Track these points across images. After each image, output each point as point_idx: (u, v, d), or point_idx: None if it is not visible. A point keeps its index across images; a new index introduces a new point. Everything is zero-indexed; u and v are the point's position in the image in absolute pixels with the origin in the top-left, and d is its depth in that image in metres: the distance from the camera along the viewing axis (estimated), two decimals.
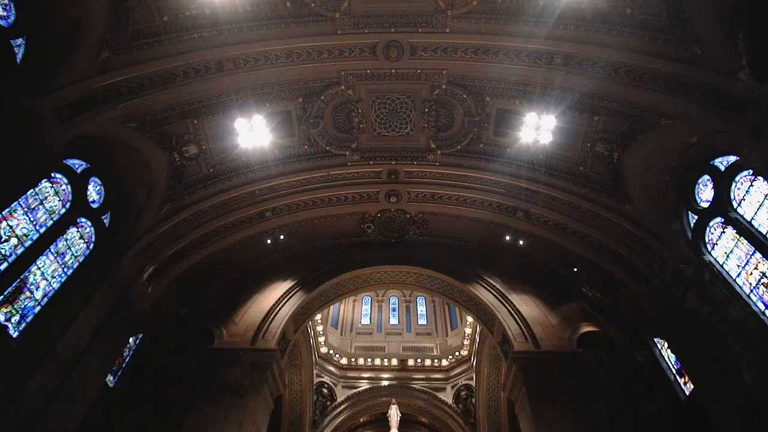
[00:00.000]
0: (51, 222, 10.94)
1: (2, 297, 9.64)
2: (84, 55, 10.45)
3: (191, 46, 11.95)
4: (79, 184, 11.81)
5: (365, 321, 31.45)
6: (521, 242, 18.13)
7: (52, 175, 10.92)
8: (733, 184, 11.27)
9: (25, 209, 10.29)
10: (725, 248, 11.52)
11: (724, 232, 11.59)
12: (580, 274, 17.35)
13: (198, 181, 15.07)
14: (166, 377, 15.99)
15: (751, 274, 10.69)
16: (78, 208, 11.75)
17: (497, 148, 15.91)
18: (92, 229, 12.38)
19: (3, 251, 9.71)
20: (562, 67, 12.61)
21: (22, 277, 10.11)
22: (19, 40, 9.82)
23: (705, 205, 12.20)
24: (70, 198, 11.54)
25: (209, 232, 16.21)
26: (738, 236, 11.04)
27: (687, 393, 13.25)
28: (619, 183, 14.18)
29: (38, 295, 10.67)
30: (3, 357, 9.51)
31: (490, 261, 19.02)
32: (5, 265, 9.73)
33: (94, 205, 12.44)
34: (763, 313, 10.29)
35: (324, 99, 14.89)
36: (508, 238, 18.30)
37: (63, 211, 11.31)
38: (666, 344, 14.19)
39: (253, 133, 14.45)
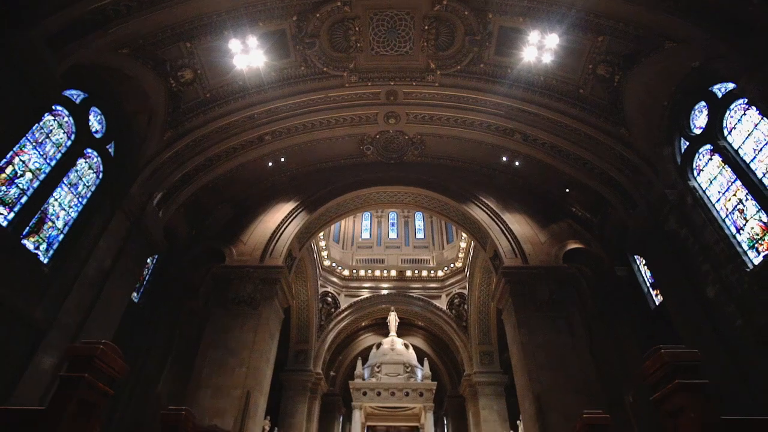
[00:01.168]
0: (60, 155, 11.26)
1: (28, 228, 10.33)
2: None
3: None
4: (80, 114, 11.90)
5: (365, 235, 32.94)
6: (517, 163, 18.54)
7: (54, 107, 10.99)
8: (728, 112, 11.43)
9: (34, 144, 10.55)
10: (710, 175, 12.03)
11: (711, 159, 12.00)
12: (571, 194, 18.08)
13: (196, 106, 15.01)
14: (183, 293, 17.45)
15: (729, 200, 11.34)
16: (83, 139, 11.98)
17: (498, 68, 15.59)
18: (99, 159, 12.72)
19: (21, 185, 10.20)
20: None
21: (42, 208, 10.72)
22: None
23: (697, 131, 12.44)
24: (73, 129, 11.71)
25: (211, 156, 16.52)
26: (723, 164, 11.48)
27: (656, 304, 14.72)
28: (618, 107, 14.25)
29: (59, 224, 11.38)
30: (39, 281, 10.50)
31: (486, 181, 19.62)
32: (25, 198, 10.27)
33: (98, 135, 12.63)
34: (734, 236, 11.13)
35: (319, 17, 14.25)
36: (504, 159, 18.66)
37: (69, 143, 11.56)
38: (644, 261, 15.39)
39: (248, 55, 14.13)
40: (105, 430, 13.15)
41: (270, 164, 18.78)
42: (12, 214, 9.97)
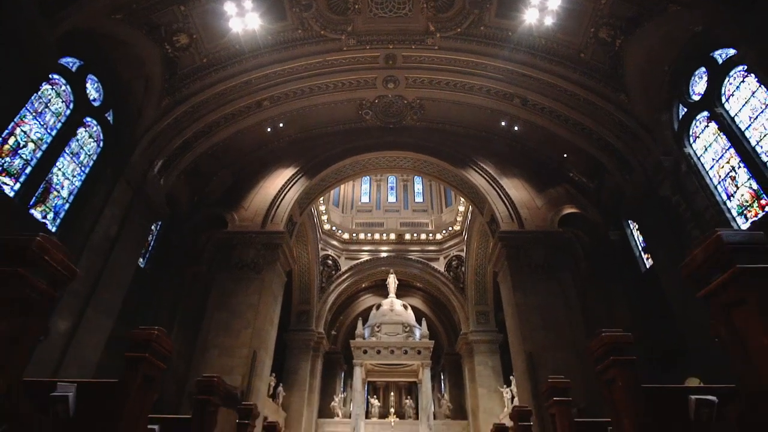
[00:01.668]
0: (60, 124, 11.31)
1: (35, 198, 10.55)
2: None
3: None
4: (77, 83, 11.84)
5: (365, 199, 33.19)
6: (516, 128, 18.53)
7: (51, 77, 10.92)
8: (726, 79, 11.42)
9: (34, 114, 10.59)
10: (705, 142, 12.16)
11: (707, 126, 12.08)
12: (569, 159, 18.20)
13: (193, 72, 14.85)
14: (187, 258, 17.90)
15: (722, 167, 11.54)
16: (81, 107, 11.97)
17: (499, 31, 15.30)
18: (99, 127, 12.76)
19: (24, 156, 10.33)
20: None
21: (47, 178, 10.90)
22: None
23: (696, 98, 12.45)
24: (71, 98, 11.69)
25: (210, 123, 16.49)
26: (719, 131, 11.58)
27: (647, 267, 15.21)
28: (618, 71, 14.15)
29: (64, 193, 11.60)
30: None
31: (485, 146, 19.66)
32: (29, 168, 10.43)
33: (96, 104, 12.61)
34: (724, 203, 11.42)
35: None
36: (503, 124, 18.63)
37: (68, 112, 11.58)
38: (637, 226, 15.73)
39: (243, 18, 13.87)
40: None
41: (269, 130, 18.75)
42: (18, 185, 10.17)
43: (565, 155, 18.17)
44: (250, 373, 14.73)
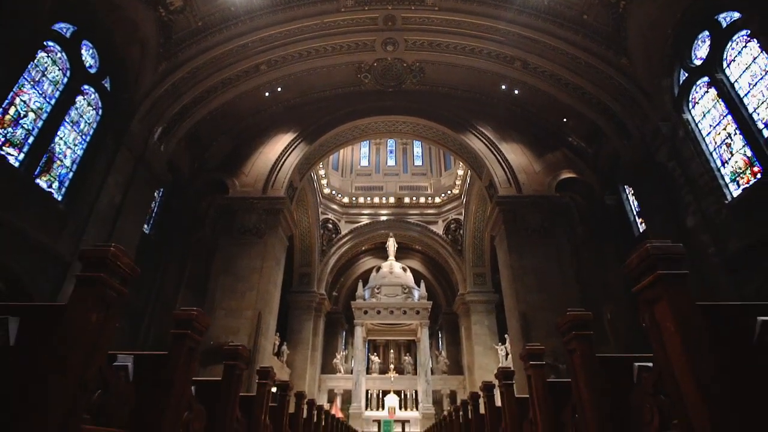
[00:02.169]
0: (58, 93, 11.27)
1: (39, 168, 10.70)
2: None
3: None
4: (72, 49, 11.67)
5: (364, 162, 33.19)
6: (516, 92, 18.38)
7: (46, 44, 10.78)
8: (729, 43, 11.29)
9: (32, 83, 10.54)
10: (704, 108, 12.17)
11: (707, 92, 12.06)
12: (568, 124, 18.17)
13: (188, 36, 14.58)
14: (190, 223, 18.22)
15: (719, 134, 11.63)
16: (78, 75, 11.87)
17: None
18: (96, 95, 12.69)
19: (26, 126, 10.38)
20: None
21: (49, 148, 11.00)
22: None
23: (698, 62, 12.34)
24: (68, 66, 11.58)
25: (208, 88, 16.34)
26: (718, 97, 11.58)
27: (640, 231, 15.58)
28: (621, 34, 13.94)
29: (67, 162, 11.72)
30: (57, 218, 11.11)
31: (485, 110, 19.55)
32: (32, 138, 10.52)
33: (92, 71, 12.48)
34: (718, 170, 11.60)
35: None
36: (504, 87, 18.46)
37: (66, 80, 11.50)
38: (632, 191, 15.97)
39: None
40: (131, 348, 14.61)
41: (267, 94, 18.58)
42: (22, 155, 10.29)
43: (564, 120, 18.14)
44: (256, 333, 15.41)
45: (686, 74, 12.80)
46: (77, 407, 2.08)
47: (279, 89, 18.61)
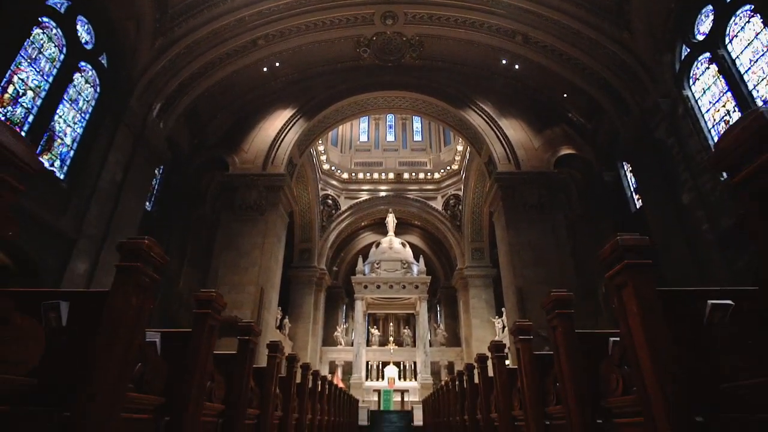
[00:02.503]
0: (56, 70, 11.21)
1: (40, 147, 10.76)
2: None
3: None
4: (67, 25, 11.53)
5: (363, 138, 33.03)
6: (517, 67, 18.19)
7: (41, 20, 10.65)
8: (732, 18, 11.17)
9: (28, 60, 10.47)
10: (704, 84, 12.15)
11: (708, 68, 12.01)
12: (568, 99, 18.07)
13: (184, 10, 14.35)
14: (191, 200, 18.36)
15: (718, 111, 11.65)
16: (75, 52, 11.77)
17: None
18: (94, 72, 12.61)
19: (25, 104, 10.39)
20: None
21: (50, 126, 11.02)
22: None
23: (700, 37, 12.24)
24: (63, 42, 11.46)
25: (205, 63, 16.18)
26: (718, 74, 11.55)
27: (637, 207, 15.76)
28: (623, 8, 13.74)
29: (68, 141, 11.77)
30: (60, 196, 11.25)
31: (485, 85, 19.39)
32: (31, 117, 10.54)
33: (88, 47, 12.35)
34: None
35: None
36: (504, 62, 18.25)
37: (62, 57, 11.41)
38: (630, 167, 16.05)
39: None
40: None
41: (265, 70, 18.38)
42: (23, 134, 10.32)
43: (564, 95, 18.03)
44: (259, 308, 15.80)
45: (688, 50, 12.70)
46: (123, 378, 2.40)
47: (277, 64, 18.40)
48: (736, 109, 11.01)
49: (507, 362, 5.40)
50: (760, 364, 1.60)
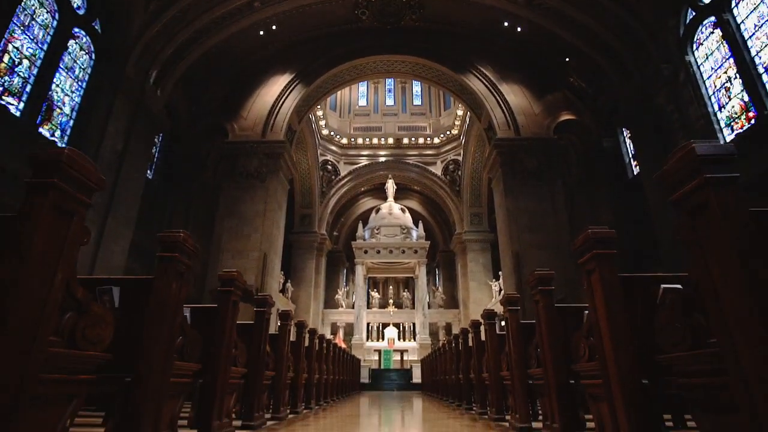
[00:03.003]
0: (50, 37, 11.04)
1: (40, 116, 10.77)
2: None
3: None
4: None
5: (362, 102, 32.59)
6: (519, 29, 17.79)
7: None
8: None
9: (22, 28, 10.31)
10: (707, 50, 12.00)
11: (712, 32, 11.83)
12: (570, 63, 17.79)
13: None
14: (192, 168, 18.43)
15: (719, 77, 11.58)
16: (67, 17, 11.55)
17: None
18: (88, 38, 12.42)
19: (22, 74, 10.32)
20: None
21: (48, 96, 10.99)
22: None
23: (707, 0, 11.96)
24: (55, 7, 11.24)
25: (201, 28, 15.84)
26: (722, 39, 11.40)
27: (634, 174, 15.89)
28: None
29: (67, 110, 11.75)
30: None
31: (486, 49, 19.03)
32: (29, 87, 10.49)
33: (80, 12, 12.10)
34: (715, 114, 11.70)
35: None
36: (506, 24, 17.84)
37: (55, 23, 11.22)
38: (629, 134, 16.05)
39: None
40: None
41: (262, 33, 17.98)
42: (22, 104, 10.33)
43: (567, 59, 17.73)
44: (263, 273, 16.25)
45: (694, 13, 12.45)
46: (171, 349, 2.84)
47: (274, 27, 17.97)
48: (738, 75, 10.95)
49: (502, 323, 5.75)
50: (682, 342, 2.05)
